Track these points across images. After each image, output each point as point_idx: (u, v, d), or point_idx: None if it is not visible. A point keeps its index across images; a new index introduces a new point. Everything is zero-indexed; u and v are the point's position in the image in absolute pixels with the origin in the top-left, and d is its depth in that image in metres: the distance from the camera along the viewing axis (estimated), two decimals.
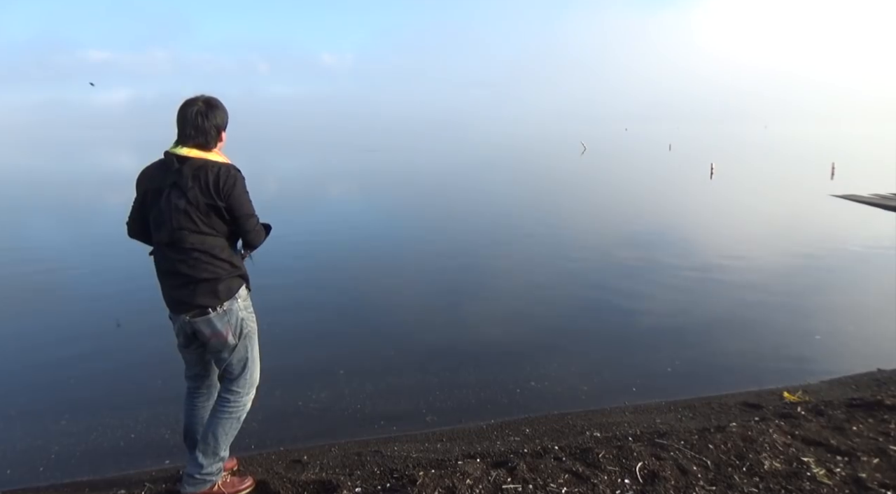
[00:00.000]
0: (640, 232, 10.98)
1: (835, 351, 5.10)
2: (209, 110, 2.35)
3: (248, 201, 2.40)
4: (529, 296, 6.73)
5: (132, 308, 6.05)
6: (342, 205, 15.04)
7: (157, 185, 2.32)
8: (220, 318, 2.37)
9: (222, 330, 2.39)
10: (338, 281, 7.44)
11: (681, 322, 5.80)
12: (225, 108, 2.42)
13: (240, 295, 2.44)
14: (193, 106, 2.34)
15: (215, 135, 2.38)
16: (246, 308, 2.49)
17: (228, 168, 2.35)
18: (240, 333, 2.45)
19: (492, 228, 11.25)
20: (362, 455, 3.12)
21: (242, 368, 2.52)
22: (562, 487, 2.50)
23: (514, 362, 4.76)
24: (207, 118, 2.34)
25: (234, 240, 2.49)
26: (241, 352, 2.49)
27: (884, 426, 3.16)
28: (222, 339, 2.40)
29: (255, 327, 2.56)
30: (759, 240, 10.21)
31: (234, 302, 2.41)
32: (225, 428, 2.50)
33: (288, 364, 4.66)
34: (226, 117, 2.42)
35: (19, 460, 3.37)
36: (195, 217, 2.28)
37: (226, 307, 2.38)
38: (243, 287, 2.48)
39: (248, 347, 2.51)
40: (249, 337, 2.51)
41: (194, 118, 2.32)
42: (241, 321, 2.45)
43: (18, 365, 4.78)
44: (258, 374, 2.61)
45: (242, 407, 2.55)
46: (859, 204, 13.79)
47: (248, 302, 2.52)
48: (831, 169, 21.36)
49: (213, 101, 2.39)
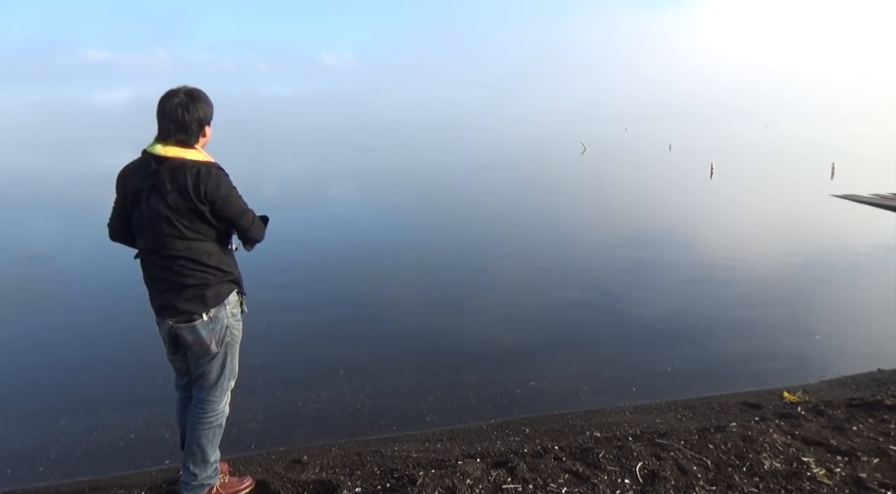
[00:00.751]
0: (639, 232, 10.98)
1: (835, 351, 5.10)
2: (191, 103, 2.16)
3: (237, 197, 2.23)
4: (529, 296, 6.73)
5: (133, 308, 6.04)
6: (342, 205, 15.04)
7: (136, 188, 2.17)
8: (206, 326, 2.26)
9: (206, 339, 2.27)
10: (338, 282, 7.44)
11: (681, 322, 5.80)
12: (209, 101, 2.23)
13: (229, 301, 2.32)
14: (174, 98, 2.15)
15: (197, 130, 2.19)
16: (234, 315, 2.36)
17: (208, 167, 2.16)
18: (222, 341, 2.33)
19: (491, 228, 11.25)
20: (362, 455, 3.12)
21: (218, 377, 2.39)
22: (562, 487, 2.50)
23: (514, 362, 4.76)
24: (189, 111, 2.14)
25: (226, 238, 2.35)
26: (221, 361, 2.37)
27: (884, 426, 3.16)
28: (204, 347, 2.29)
29: (239, 335, 2.43)
30: (759, 240, 10.21)
31: (222, 310, 2.29)
32: (208, 437, 2.42)
33: (288, 364, 4.66)
34: (209, 110, 2.23)
35: (19, 460, 3.37)
36: (178, 222, 2.13)
37: (212, 314, 2.26)
38: (234, 292, 2.35)
39: (227, 356, 2.38)
40: (231, 345, 2.39)
41: (174, 111, 2.13)
42: (226, 329, 2.33)
43: (19, 365, 4.78)
44: (234, 383, 2.48)
45: (219, 415, 2.44)
46: (859, 204, 13.79)
47: (236, 309, 2.38)
48: (831, 169, 21.36)
49: (195, 93, 2.20)
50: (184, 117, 2.14)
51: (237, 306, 2.40)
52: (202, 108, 2.19)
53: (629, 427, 3.49)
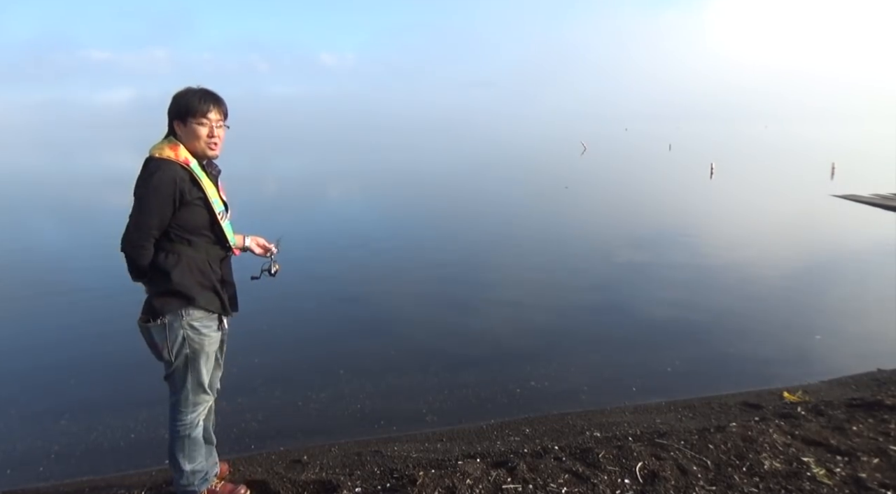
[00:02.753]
0: (639, 232, 10.99)
1: (835, 350, 5.10)
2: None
3: (137, 198, 2.17)
4: (529, 296, 6.73)
5: (134, 309, 6.05)
6: (342, 205, 15.03)
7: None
8: (159, 331, 2.23)
9: (158, 343, 2.25)
10: (338, 282, 7.43)
11: (680, 322, 5.80)
12: (178, 97, 2.25)
13: (188, 314, 2.25)
14: None
15: (169, 126, 2.28)
16: (193, 327, 2.27)
17: (148, 161, 2.19)
18: (178, 352, 2.27)
19: (490, 228, 11.24)
20: (362, 455, 3.12)
21: (181, 387, 2.34)
22: (562, 487, 2.50)
23: (514, 362, 4.76)
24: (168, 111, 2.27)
25: (203, 246, 2.29)
26: (181, 372, 2.31)
27: (884, 426, 3.15)
28: (158, 352, 2.28)
29: (204, 349, 2.32)
30: (759, 240, 10.21)
31: (177, 320, 2.23)
32: (178, 446, 2.39)
33: (288, 364, 4.66)
34: (175, 106, 2.25)
35: (19, 460, 3.37)
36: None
37: (167, 321, 2.22)
38: (189, 308, 2.25)
39: (189, 368, 2.31)
40: (191, 359, 2.30)
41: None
42: (183, 340, 2.26)
43: (19, 366, 4.78)
44: (203, 396, 2.41)
45: (187, 425, 2.39)
46: (859, 204, 13.79)
47: (202, 323, 2.29)
48: (831, 169, 21.36)
49: (176, 93, 2.29)
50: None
51: (203, 320, 2.30)
52: (171, 105, 2.26)
53: (629, 427, 3.49)
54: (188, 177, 2.21)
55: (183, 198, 2.20)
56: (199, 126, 2.25)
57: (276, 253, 2.66)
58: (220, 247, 2.37)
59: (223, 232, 2.35)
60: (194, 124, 2.24)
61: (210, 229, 2.32)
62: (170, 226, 2.22)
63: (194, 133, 2.25)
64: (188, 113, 2.23)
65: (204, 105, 2.24)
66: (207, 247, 2.33)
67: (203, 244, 2.31)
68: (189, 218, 2.24)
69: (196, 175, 2.23)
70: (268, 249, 2.66)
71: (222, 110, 2.32)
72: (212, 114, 2.26)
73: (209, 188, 2.28)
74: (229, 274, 2.47)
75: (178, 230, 2.23)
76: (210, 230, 2.32)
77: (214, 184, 2.36)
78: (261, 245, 2.65)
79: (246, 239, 2.60)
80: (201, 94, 2.26)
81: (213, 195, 2.30)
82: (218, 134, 2.30)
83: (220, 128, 2.32)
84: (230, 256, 2.48)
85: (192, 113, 2.23)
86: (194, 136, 2.25)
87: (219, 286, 2.36)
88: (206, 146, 2.28)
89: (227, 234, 2.37)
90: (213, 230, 2.32)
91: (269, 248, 2.66)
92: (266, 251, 2.65)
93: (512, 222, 11.97)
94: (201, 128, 2.25)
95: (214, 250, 2.36)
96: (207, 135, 2.27)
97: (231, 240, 2.41)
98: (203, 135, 2.26)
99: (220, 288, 2.36)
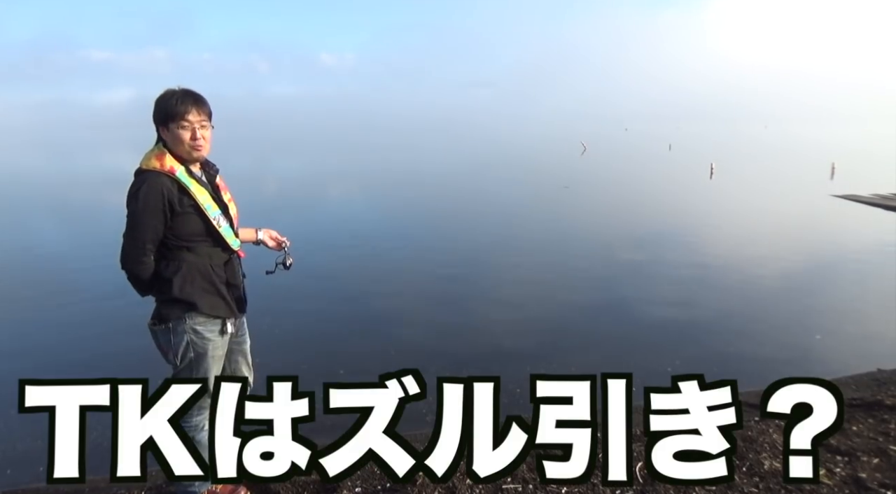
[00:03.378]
0: (639, 232, 10.98)
1: (835, 351, 5.10)
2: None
3: (129, 214, 2.17)
4: (529, 296, 6.73)
5: (134, 309, 6.05)
6: (342, 205, 15.04)
7: None
8: (164, 334, 2.26)
9: (164, 346, 2.29)
10: (338, 282, 7.44)
11: (680, 321, 5.80)
12: (158, 102, 2.20)
13: (191, 318, 2.24)
14: None
15: (157, 133, 2.23)
16: (196, 332, 2.26)
17: (137, 173, 2.19)
18: (182, 356, 2.27)
19: (490, 228, 11.25)
20: None
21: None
22: (562, 487, 2.50)
23: (515, 362, 4.76)
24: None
25: (204, 251, 2.27)
26: (186, 375, 2.29)
27: (884, 426, 3.15)
28: (163, 353, 2.31)
29: (209, 353, 2.30)
30: (759, 240, 10.21)
31: (181, 324, 2.24)
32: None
33: (288, 364, 4.66)
34: (156, 111, 2.20)
35: (19, 460, 3.37)
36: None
37: (171, 325, 2.24)
38: (192, 313, 2.24)
39: (192, 372, 2.30)
40: (196, 362, 2.29)
41: None
42: (187, 344, 2.26)
43: (19, 366, 4.77)
44: (208, 400, 2.29)
45: (191, 428, 2.31)
46: (859, 204, 13.79)
47: (205, 327, 2.28)
48: (831, 169, 21.36)
49: (157, 97, 2.22)
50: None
51: (206, 325, 2.29)
52: (154, 111, 2.20)
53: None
54: (176, 187, 2.17)
55: (174, 208, 2.16)
56: (180, 130, 2.17)
57: (290, 246, 2.64)
58: (221, 249, 2.33)
59: (221, 236, 2.30)
60: (176, 129, 2.17)
61: (207, 235, 2.27)
62: (166, 236, 2.19)
63: (178, 137, 2.18)
64: (168, 117, 2.17)
65: (183, 107, 2.17)
66: (209, 250, 2.29)
67: (204, 248, 2.27)
68: (183, 226, 2.20)
69: (183, 183, 2.18)
70: (281, 242, 2.64)
71: (204, 110, 2.23)
72: (191, 116, 2.18)
73: (200, 194, 2.22)
74: (234, 277, 2.40)
75: (174, 239, 2.21)
76: (207, 235, 2.27)
77: (212, 185, 2.31)
78: (274, 238, 2.63)
79: (259, 232, 2.59)
80: (180, 97, 2.19)
81: (205, 201, 2.23)
82: (202, 135, 2.22)
83: (204, 128, 2.23)
84: (234, 258, 2.41)
85: (171, 117, 2.16)
86: (178, 141, 2.19)
87: (223, 289, 2.32)
88: (191, 149, 2.21)
89: (226, 238, 2.31)
90: (210, 235, 2.28)
91: (282, 241, 2.64)
92: (280, 244, 2.64)
93: (512, 222, 11.98)
94: (183, 132, 2.18)
95: (217, 253, 2.31)
96: (190, 138, 2.19)
97: (232, 243, 2.35)
98: (186, 139, 2.18)
99: (224, 292, 2.33)
